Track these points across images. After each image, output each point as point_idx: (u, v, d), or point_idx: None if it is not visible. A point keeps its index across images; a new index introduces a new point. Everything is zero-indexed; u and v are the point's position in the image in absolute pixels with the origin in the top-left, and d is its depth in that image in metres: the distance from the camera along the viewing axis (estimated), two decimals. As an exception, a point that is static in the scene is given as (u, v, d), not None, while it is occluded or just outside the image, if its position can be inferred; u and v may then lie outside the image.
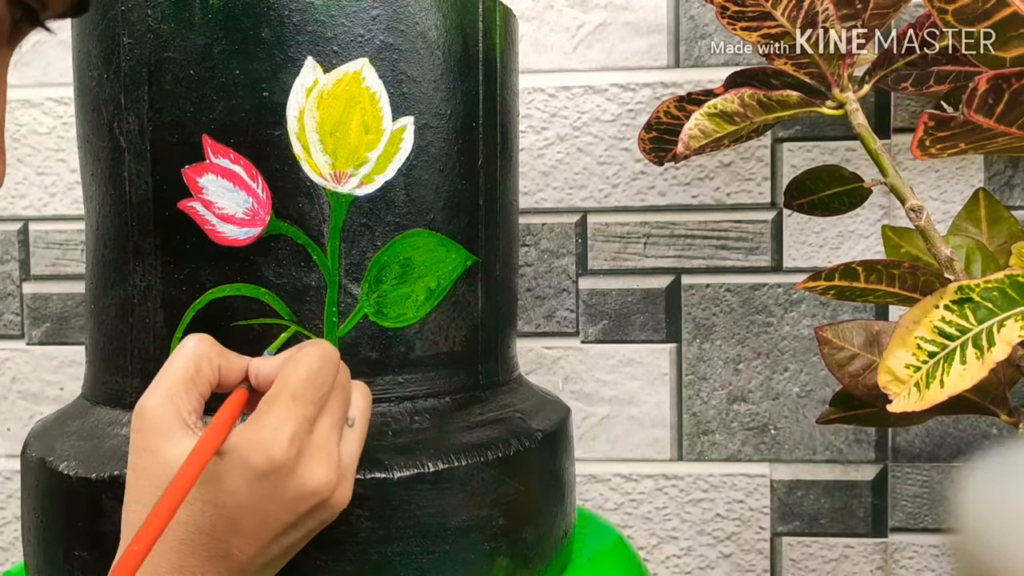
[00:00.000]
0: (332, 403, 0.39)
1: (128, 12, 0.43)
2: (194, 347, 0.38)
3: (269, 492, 0.36)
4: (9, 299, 0.77)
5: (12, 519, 0.79)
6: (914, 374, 0.45)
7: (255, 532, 0.36)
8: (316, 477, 0.37)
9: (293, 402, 0.37)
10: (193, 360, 0.38)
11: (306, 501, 0.37)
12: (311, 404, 0.37)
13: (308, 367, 0.37)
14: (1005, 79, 0.43)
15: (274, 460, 0.36)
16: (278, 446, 0.36)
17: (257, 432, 0.36)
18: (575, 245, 0.74)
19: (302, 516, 0.37)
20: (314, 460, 0.37)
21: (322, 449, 0.37)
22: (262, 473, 0.36)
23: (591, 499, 0.76)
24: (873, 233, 0.72)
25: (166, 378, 0.38)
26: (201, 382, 0.38)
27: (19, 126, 0.76)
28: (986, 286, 0.45)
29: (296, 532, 0.38)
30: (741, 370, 0.74)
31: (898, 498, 0.74)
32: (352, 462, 0.39)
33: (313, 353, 0.38)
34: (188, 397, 0.37)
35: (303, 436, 0.37)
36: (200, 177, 0.43)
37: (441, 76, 0.45)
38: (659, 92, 0.73)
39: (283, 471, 0.36)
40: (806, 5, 0.50)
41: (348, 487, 0.39)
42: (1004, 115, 0.44)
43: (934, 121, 0.45)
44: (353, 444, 0.40)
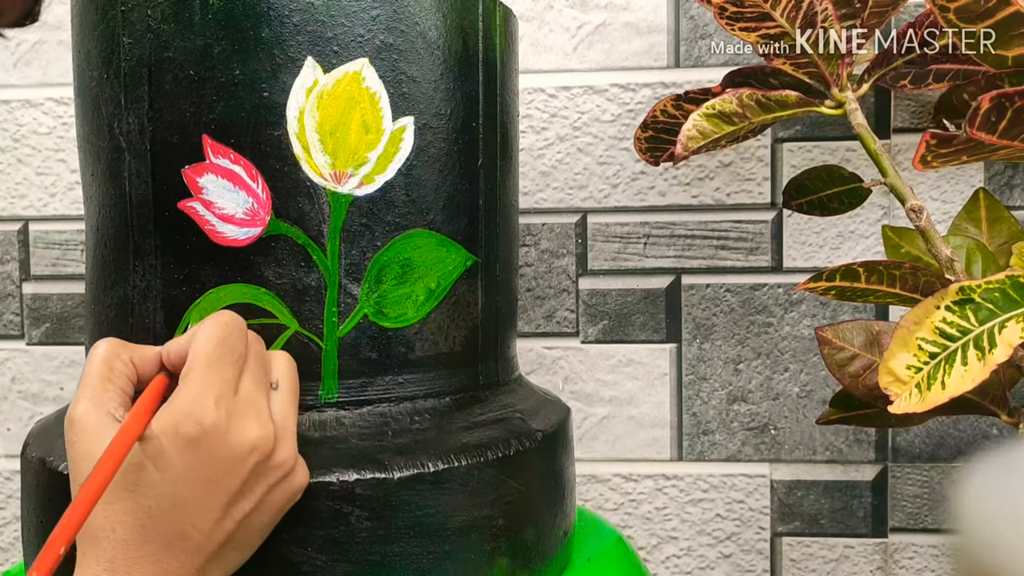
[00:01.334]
0: (250, 364, 0.39)
1: (128, 12, 0.43)
2: (103, 349, 0.39)
3: (205, 458, 0.36)
4: (9, 299, 0.77)
5: (12, 519, 0.79)
6: (915, 375, 0.45)
7: (203, 504, 0.36)
8: (249, 432, 0.37)
9: (209, 367, 0.37)
10: (104, 360, 0.38)
11: (246, 460, 0.37)
12: (229, 366, 0.38)
13: (216, 332, 0.38)
14: (1008, 98, 0.43)
15: (204, 424, 0.36)
16: (205, 411, 0.36)
17: (182, 404, 0.36)
18: (575, 245, 0.74)
19: (247, 479, 0.37)
20: (244, 418, 0.37)
21: (250, 406, 0.38)
22: (194, 440, 0.36)
23: (591, 499, 0.76)
24: (873, 233, 0.72)
25: (85, 384, 0.38)
26: (117, 378, 0.38)
27: (19, 126, 0.76)
28: (987, 287, 0.45)
29: (247, 499, 0.38)
30: (741, 370, 0.74)
31: (898, 498, 0.74)
32: (286, 421, 0.40)
33: (217, 320, 0.39)
34: (109, 395, 0.38)
35: (228, 397, 0.37)
36: (200, 177, 0.43)
37: (441, 76, 0.45)
38: (659, 92, 0.73)
39: (215, 433, 0.36)
40: (805, 5, 0.50)
41: (289, 446, 0.39)
42: (1007, 131, 0.45)
43: (936, 139, 0.45)
44: (285, 404, 0.40)
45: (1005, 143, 0.45)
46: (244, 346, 0.39)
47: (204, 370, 0.37)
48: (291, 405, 0.41)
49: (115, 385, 0.38)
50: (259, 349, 0.41)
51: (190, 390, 0.37)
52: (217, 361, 0.38)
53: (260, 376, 0.40)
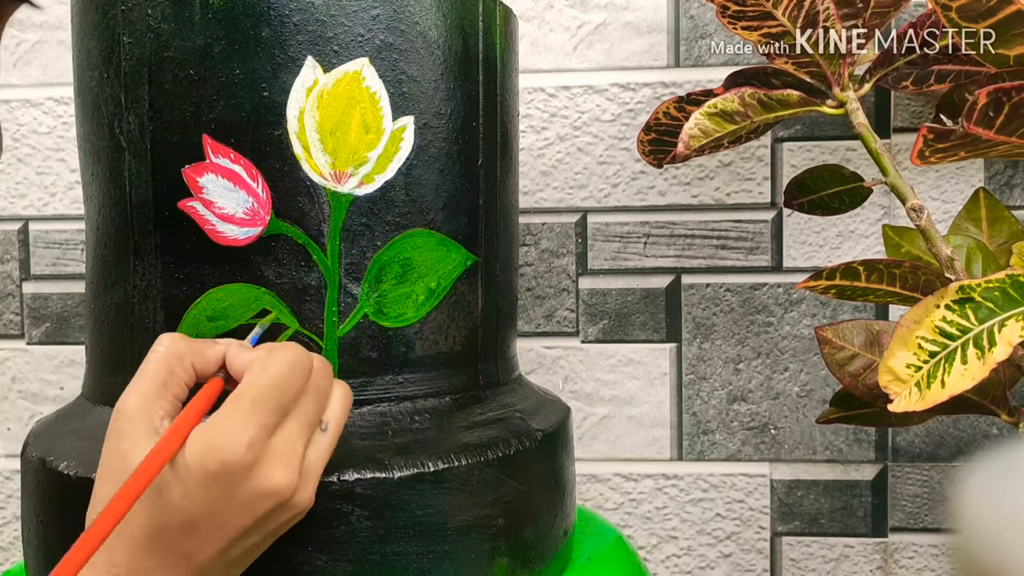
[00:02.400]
0: (302, 407, 0.38)
1: (128, 12, 0.43)
2: (167, 348, 0.38)
3: (223, 494, 0.36)
4: (9, 299, 0.77)
5: (12, 519, 0.79)
6: (915, 374, 0.45)
7: (212, 534, 0.36)
8: (273, 480, 0.37)
9: (253, 408, 0.36)
10: (166, 362, 0.38)
11: (263, 504, 0.37)
12: (273, 411, 0.37)
13: (275, 373, 0.37)
14: (1005, 92, 0.43)
15: (228, 466, 0.36)
16: (231, 452, 0.36)
17: (214, 435, 0.36)
18: (575, 245, 0.74)
19: (260, 519, 0.37)
20: (273, 465, 0.37)
21: (283, 454, 0.37)
22: (216, 475, 0.36)
23: (591, 499, 0.76)
24: (873, 233, 0.72)
25: (140, 381, 0.38)
26: (174, 384, 0.38)
27: (19, 126, 0.76)
28: (987, 286, 0.45)
29: (256, 534, 0.38)
30: (741, 370, 0.74)
31: (898, 498, 0.74)
32: (318, 465, 0.39)
33: (282, 358, 0.38)
34: (160, 402, 0.37)
35: (261, 442, 0.36)
36: (200, 177, 0.43)
37: (441, 76, 0.45)
38: (659, 92, 0.73)
39: (238, 474, 0.36)
40: (807, 5, 0.50)
41: (310, 489, 0.39)
42: (1004, 126, 0.44)
43: (933, 134, 0.45)
44: (322, 448, 0.39)
45: (1003, 139, 0.45)
46: (299, 388, 0.38)
47: (248, 409, 0.36)
48: (330, 449, 0.40)
49: (170, 391, 0.38)
50: (322, 386, 0.40)
51: (228, 423, 0.36)
52: (263, 403, 0.37)
53: (308, 420, 0.39)
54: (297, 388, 0.38)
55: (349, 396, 0.41)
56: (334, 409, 0.40)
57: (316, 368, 0.39)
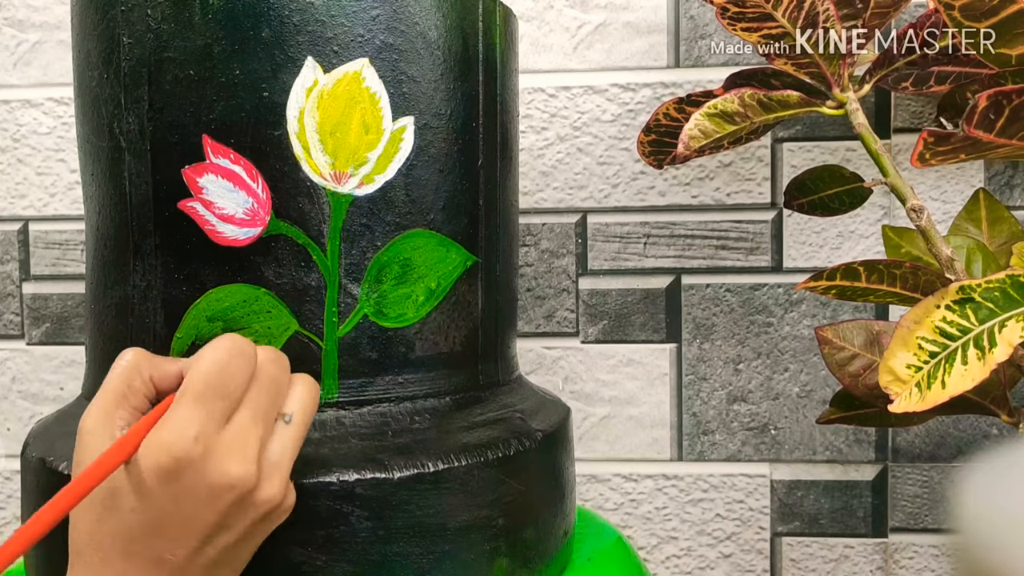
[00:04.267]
0: (252, 397, 0.38)
1: (128, 12, 0.43)
2: (127, 362, 0.38)
3: (181, 491, 0.36)
4: (9, 299, 0.77)
5: (12, 519, 0.79)
6: (915, 374, 0.45)
7: (180, 534, 0.36)
8: (228, 472, 0.36)
9: (196, 400, 0.36)
10: (125, 375, 0.38)
11: (222, 498, 0.36)
12: (217, 400, 0.37)
13: (211, 362, 0.37)
14: (1006, 95, 0.43)
15: (179, 458, 0.35)
16: (180, 446, 0.35)
17: (162, 434, 0.36)
18: (575, 245, 0.74)
19: (226, 514, 0.37)
20: (226, 456, 0.36)
21: (236, 444, 0.37)
22: (172, 473, 0.36)
23: (591, 499, 0.76)
24: (873, 233, 0.72)
25: (101, 395, 0.38)
26: (134, 396, 0.38)
27: (19, 126, 0.76)
28: (987, 286, 0.45)
29: (228, 533, 0.37)
30: (741, 370, 0.74)
31: (898, 498, 0.74)
32: (282, 459, 0.38)
33: (219, 347, 0.38)
34: (120, 413, 0.37)
35: (209, 434, 0.36)
36: (200, 177, 0.43)
37: (441, 76, 0.45)
38: (659, 92, 0.73)
39: (190, 468, 0.36)
40: (807, 5, 0.50)
41: (277, 484, 0.38)
42: (1004, 129, 0.44)
43: (933, 137, 0.45)
44: (286, 440, 0.38)
45: (1003, 141, 0.45)
46: (246, 377, 0.38)
47: (190, 402, 0.36)
48: (297, 441, 0.39)
49: (129, 403, 0.38)
50: (274, 375, 0.39)
51: (172, 422, 0.36)
52: (205, 395, 0.36)
53: (264, 409, 0.38)
54: (243, 376, 0.38)
55: (314, 388, 0.41)
56: (297, 402, 0.39)
57: (265, 358, 0.39)
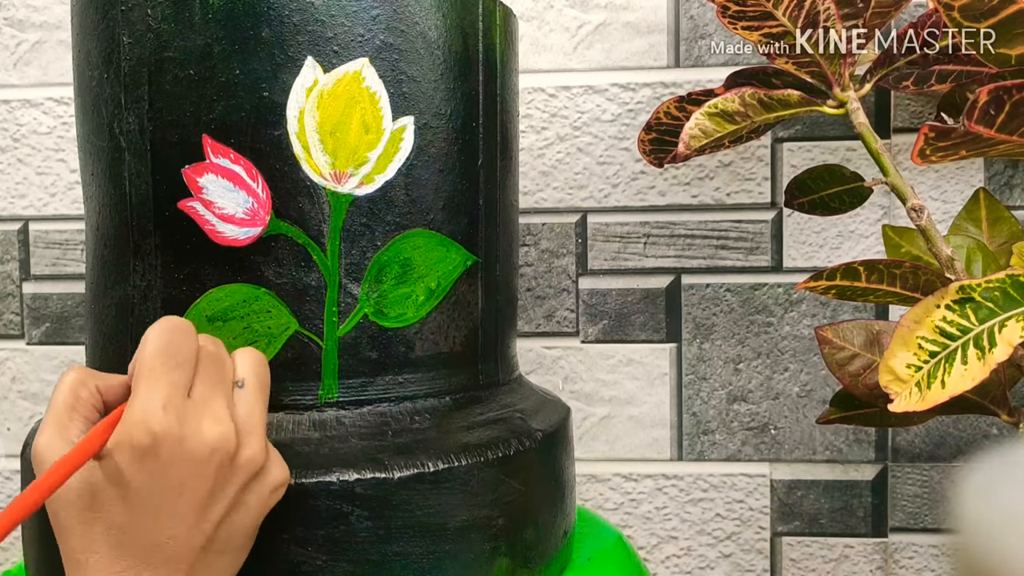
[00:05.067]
0: (202, 369, 0.38)
1: (128, 12, 0.43)
2: (70, 378, 0.39)
3: (164, 465, 0.36)
4: (9, 299, 0.77)
5: (12, 519, 0.79)
6: (915, 374, 0.45)
7: (172, 513, 0.36)
8: (206, 433, 0.37)
9: (152, 374, 0.37)
10: (70, 389, 0.38)
11: (207, 462, 0.37)
12: (173, 371, 0.37)
13: (156, 340, 0.38)
14: (1006, 91, 0.43)
15: (155, 431, 0.36)
16: (154, 417, 0.36)
17: (130, 415, 0.36)
18: (575, 245, 0.74)
19: (215, 482, 0.37)
20: (199, 420, 0.37)
21: (203, 407, 0.37)
22: (149, 449, 0.36)
23: (591, 499, 0.76)
24: (873, 233, 0.72)
25: (50, 415, 0.38)
26: (82, 407, 0.38)
27: (19, 126, 0.76)
28: (987, 286, 0.45)
29: (219, 502, 0.37)
30: (741, 370, 0.74)
31: (898, 498, 0.74)
32: (252, 419, 0.39)
33: (157, 327, 0.38)
34: (73, 424, 0.37)
35: (177, 402, 0.37)
36: (200, 177, 0.43)
37: (441, 76, 0.45)
38: (659, 92, 0.73)
39: (168, 439, 0.36)
40: (807, 5, 0.50)
41: (255, 444, 0.38)
42: (1005, 125, 0.44)
43: (934, 132, 0.45)
44: (248, 403, 0.39)
45: (1004, 137, 0.45)
46: (191, 350, 0.38)
47: (148, 378, 0.37)
48: (259, 402, 0.40)
49: (79, 414, 0.38)
50: (213, 351, 0.40)
51: (137, 400, 0.36)
52: (161, 367, 0.37)
53: (215, 378, 0.39)
54: (189, 348, 0.38)
55: (257, 354, 0.41)
56: (246, 366, 0.40)
57: (204, 337, 0.40)
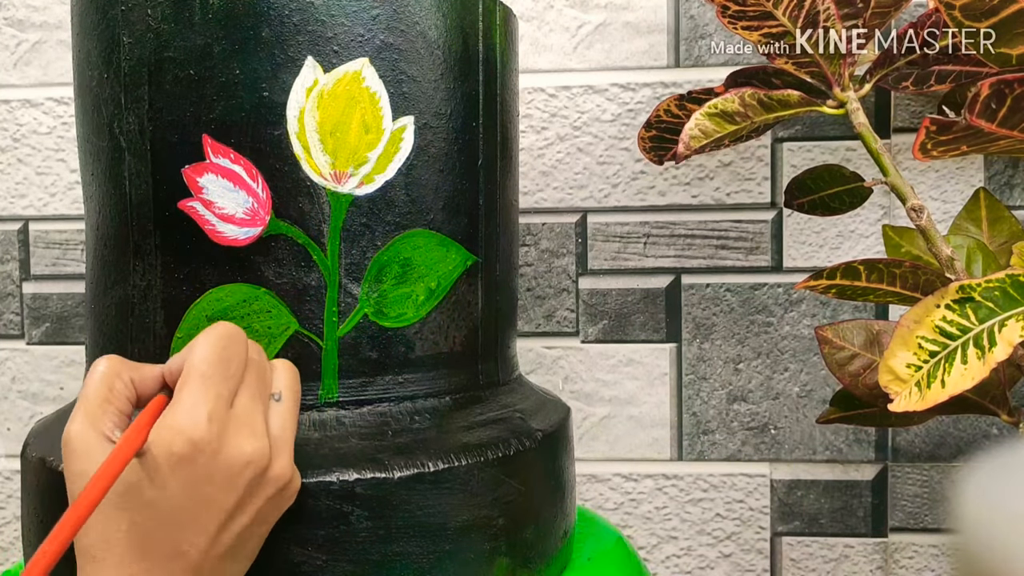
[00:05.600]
0: (248, 378, 0.39)
1: (128, 12, 0.43)
2: (104, 368, 0.38)
3: (200, 475, 0.36)
4: (9, 299, 0.77)
5: (12, 519, 0.79)
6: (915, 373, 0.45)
7: (199, 522, 0.36)
8: (244, 448, 0.37)
9: (203, 382, 0.37)
10: (105, 380, 0.38)
11: (240, 476, 0.37)
12: (223, 381, 0.37)
13: (211, 347, 0.37)
14: (1007, 84, 0.43)
15: (195, 441, 0.35)
16: (197, 428, 0.36)
17: (173, 419, 0.36)
18: (575, 245, 0.74)
19: (243, 495, 0.37)
20: (238, 434, 0.37)
21: (245, 422, 0.37)
22: (187, 457, 0.35)
23: (591, 499, 0.76)
24: (873, 233, 0.72)
25: (83, 403, 0.37)
26: (116, 399, 0.38)
27: (19, 126, 0.76)
28: (987, 285, 0.45)
29: (244, 514, 0.37)
30: (741, 370, 0.74)
31: (898, 498, 0.74)
32: (284, 433, 0.39)
33: (213, 333, 0.38)
34: (107, 416, 0.37)
35: (221, 413, 0.37)
36: (200, 177, 0.43)
37: (441, 76, 0.45)
38: (659, 92, 0.73)
39: (207, 451, 0.36)
40: (807, 5, 0.50)
41: (285, 459, 0.39)
42: (1006, 119, 0.44)
43: (936, 126, 0.45)
44: (283, 417, 0.40)
45: (1005, 132, 0.45)
46: (242, 359, 0.39)
47: (198, 385, 0.37)
48: (292, 417, 0.40)
49: (113, 406, 0.38)
50: (259, 360, 0.40)
51: (183, 406, 0.36)
52: (212, 376, 0.37)
53: (258, 389, 0.39)
54: (240, 358, 0.38)
55: (294, 369, 0.42)
56: (282, 380, 0.41)
57: (252, 346, 0.40)
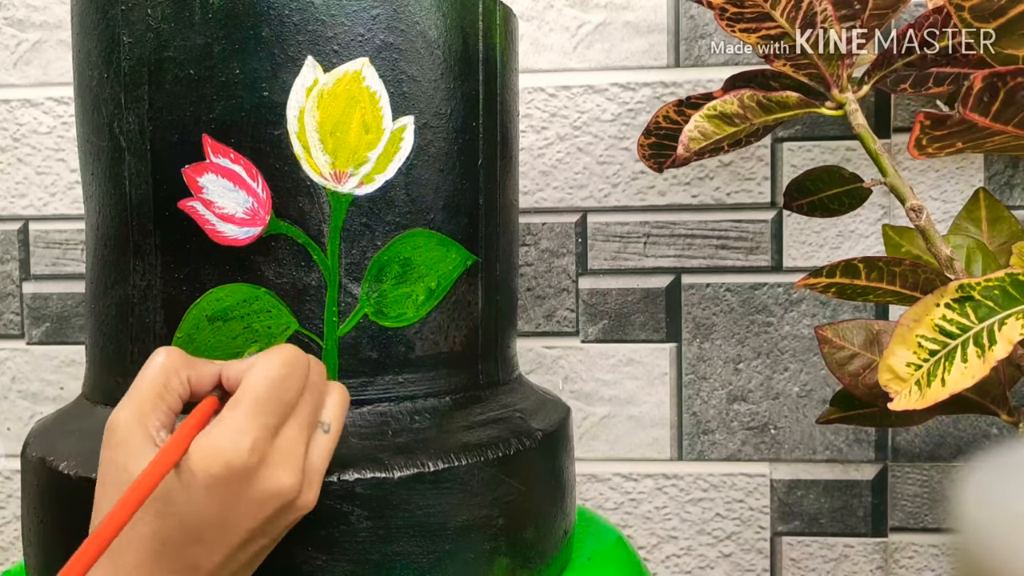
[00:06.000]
0: (302, 407, 0.38)
1: (128, 12, 0.43)
2: (163, 361, 0.38)
3: (229, 499, 0.36)
4: (9, 299, 0.77)
5: (12, 519, 0.79)
6: (915, 372, 0.45)
7: (220, 540, 0.36)
8: (279, 482, 0.37)
9: (255, 409, 0.36)
10: (162, 374, 0.37)
11: (268, 506, 0.37)
12: (274, 412, 0.37)
13: (275, 373, 0.37)
14: (1000, 77, 0.43)
15: (233, 468, 0.35)
16: (237, 455, 0.35)
17: (217, 439, 0.36)
18: (575, 245, 0.74)
19: (266, 522, 0.37)
20: (277, 467, 0.37)
21: (287, 455, 0.37)
22: (221, 480, 0.35)
23: (591, 499, 0.76)
24: (873, 233, 0.72)
25: (136, 393, 0.37)
26: (170, 396, 0.38)
27: (19, 126, 0.76)
28: (987, 284, 0.45)
29: (264, 537, 0.38)
30: (741, 370, 0.74)
31: (898, 498, 0.74)
32: (322, 466, 0.39)
33: (278, 359, 0.38)
34: (156, 413, 0.37)
35: (264, 444, 0.36)
36: (200, 177, 0.43)
37: (441, 76, 0.45)
38: (659, 92, 0.73)
39: (243, 478, 0.36)
40: (805, 6, 0.50)
41: (315, 490, 0.39)
42: (1000, 113, 0.44)
43: (930, 120, 0.45)
44: (324, 449, 0.39)
45: (999, 127, 0.45)
46: (300, 387, 0.38)
47: (249, 411, 0.36)
48: (331, 449, 0.40)
49: (165, 403, 0.37)
50: (319, 383, 0.40)
51: (229, 428, 0.36)
52: (264, 404, 0.36)
53: (308, 421, 0.39)
54: (297, 388, 0.38)
55: (346, 396, 0.41)
56: (333, 410, 0.40)
57: (312, 368, 0.40)
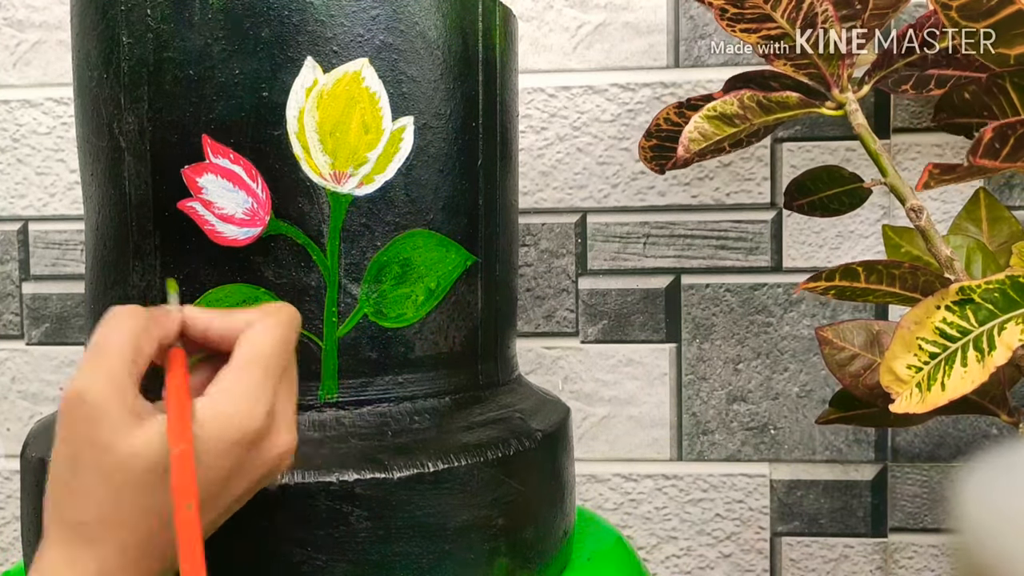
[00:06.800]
0: (292, 367, 0.38)
1: (128, 12, 0.43)
2: (130, 325, 0.35)
3: (236, 462, 0.35)
4: (9, 299, 0.77)
5: (12, 519, 0.79)
6: (916, 375, 0.45)
7: (217, 502, 0.36)
8: (282, 443, 0.37)
9: (266, 374, 0.36)
10: (132, 340, 0.35)
11: (272, 465, 0.37)
12: (282, 375, 0.37)
13: (281, 336, 0.37)
14: (1011, 126, 0.44)
15: (247, 433, 0.35)
16: (253, 419, 0.35)
17: (234, 404, 0.35)
18: (575, 245, 0.74)
19: (263, 478, 0.37)
20: (280, 427, 0.37)
21: (285, 415, 0.37)
22: (235, 443, 0.35)
23: (591, 499, 0.76)
24: (873, 233, 0.72)
25: (104, 360, 0.34)
26: (142, 361, 0.35)
27: (19, 126, 0.76)
28: (987, 287, 0.45)
29: (253, 491, 0.38)
30: (741, 370, 0.74)
31: (898, 498, 0.74)
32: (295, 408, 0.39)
33: (283, 319, 0.37)
34: (131, 382, 0.34)
35: (275, 407, 0.36)
36: (200, 177, 0.43)
37: (441, 76, 0.45)
38: (659, 92, 0.73)
39: (253, 442, 0.35)
40: (805, 6, 0.50)
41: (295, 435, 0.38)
42: (1009, 156, 0.45)
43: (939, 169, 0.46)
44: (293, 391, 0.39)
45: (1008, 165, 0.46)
46: (295, 348, 0.38)
47: (262, 375, 0.35)
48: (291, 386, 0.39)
49: (138, 368, 0.35)
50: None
51: (245, 393, 0.35)
52: (275, 368, 0.36)
53: (295, 376, 0.39)
54: (294, 346, 0.38)
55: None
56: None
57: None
